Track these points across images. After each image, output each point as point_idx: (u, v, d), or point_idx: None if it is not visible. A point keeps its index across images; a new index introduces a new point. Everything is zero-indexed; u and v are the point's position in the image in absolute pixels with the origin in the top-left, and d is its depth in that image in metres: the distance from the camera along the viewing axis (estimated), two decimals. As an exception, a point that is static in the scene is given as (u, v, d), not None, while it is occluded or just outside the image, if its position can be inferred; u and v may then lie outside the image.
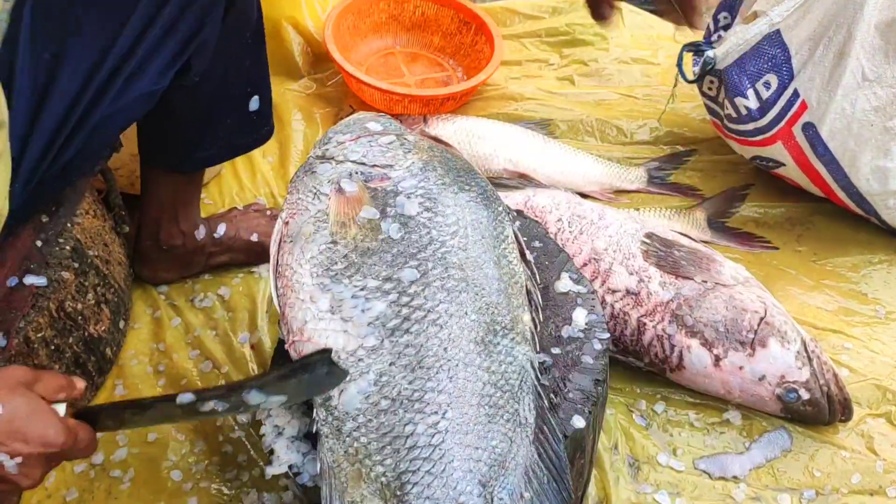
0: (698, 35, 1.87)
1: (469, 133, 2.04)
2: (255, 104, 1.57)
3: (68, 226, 1.46)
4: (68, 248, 1.46)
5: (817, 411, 1.53)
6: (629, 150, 2.13)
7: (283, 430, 1.20)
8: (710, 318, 1.56)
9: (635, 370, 1.64)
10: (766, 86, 1.77)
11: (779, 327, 1.54)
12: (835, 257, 1.88)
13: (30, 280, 1.39)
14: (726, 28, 1.89)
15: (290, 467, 1.18)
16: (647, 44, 2.41)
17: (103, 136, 1.34)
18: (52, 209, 1.45)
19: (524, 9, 2.49)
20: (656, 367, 1.61)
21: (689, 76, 1.89)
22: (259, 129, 1.64)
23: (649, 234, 1.69)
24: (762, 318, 1.55)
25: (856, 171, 1.76)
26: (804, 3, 1.70)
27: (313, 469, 1.15)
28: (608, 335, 1.32)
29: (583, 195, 1.96)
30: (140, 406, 1.07)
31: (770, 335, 1.53)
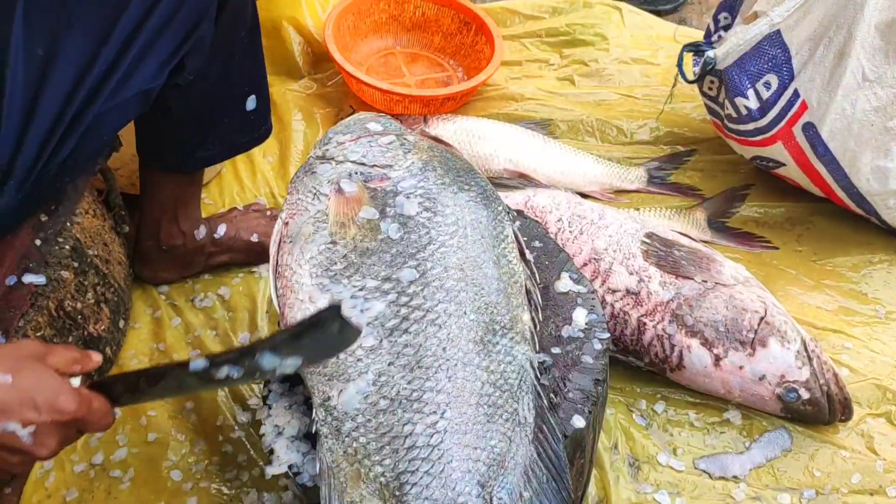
0: (698, 35, 1.87)
1: (469, 133, 2.04)
2: (252, 103, 1.57)
3: (68, 225, 1.46)
4: (68, 247, 1.46)
5: (817, 411, 1.53)
6: (629, 150, 2.13)
7: (283, 430, 1.21)
8: (710, 317, 1.56)
9: (635, 370, 1.64)
10: (767, 86, 1.77)
11: (779, 327, 1.54)
12: (835, 257, 1.88)
13: (29, 279, 1.39)
14: (726, 28, 1.89)
15: (290, 467, 1.17)
16: (647, 44, 2.41)
17: (100, 135, 1.34)
18: (52, 208, 1.45)
19: (524, 9, 2.48)
20: (656, 367, 1.61)
21: (690, 76, 1.89)
22: (257, 129, 1.64)
23: (649, 234, 1.69)
24: (762, 318, 1.55)
25: (856, 171, 1.76)
26: (804, 4, 1.70)
27: (313, 469, 1.15)
28: (608, 335, 1.32)
29: (583, 195, 1.96)
30: (154, 375, 1.04)
31: (770, 335, 1.53)
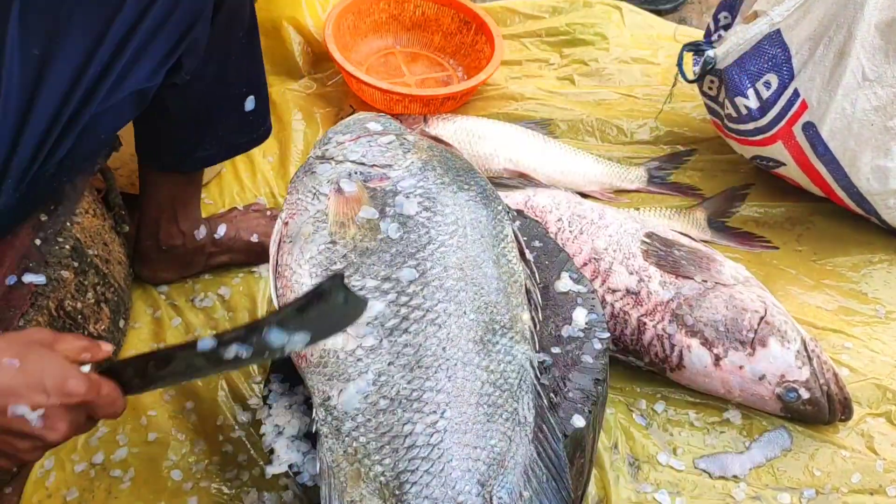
0: (698, 34, 1.87)
1: (469, 133, 2.04)
2: (250, 104, 1.57)
3: (67, 225, 1.46)
4: (68, 247, 1.46)
5: (817, 410, 1.53)
6: (629, 149, 2.13)
7: (283, 430, 1.21)
8: (710, 317, 1.56)
9: (635, 369, 1.64)
10: (767, 85, 1.77)
11: (779, 327, 1.54)
12: (835, 257, 1.88)
13: (28, 278, 1.39)
14: (726, 28, 1.89)
15: (290, 467, 1.18)
16: (647, 43, 2.41)
17: (97, 135, 1.33)
18: (51, 208, 1.45)
19: (524, 8, 2.48)
20: (656, 367, 1.61)
21: (690, 76, 1.89)
22: (256, 130, 1.64)
23: (649, 234, 1.69)
24: (762, 318, 1.55)
25: (856, 170, 1.76)
26: (804, 3, 1.70)
27: (313, 468, 1.15)
28: (608, 335, 1.32)
29: (583, 195, 1.96)
30: (162, 357, 1.03)
31: (770, 334, 1.53)
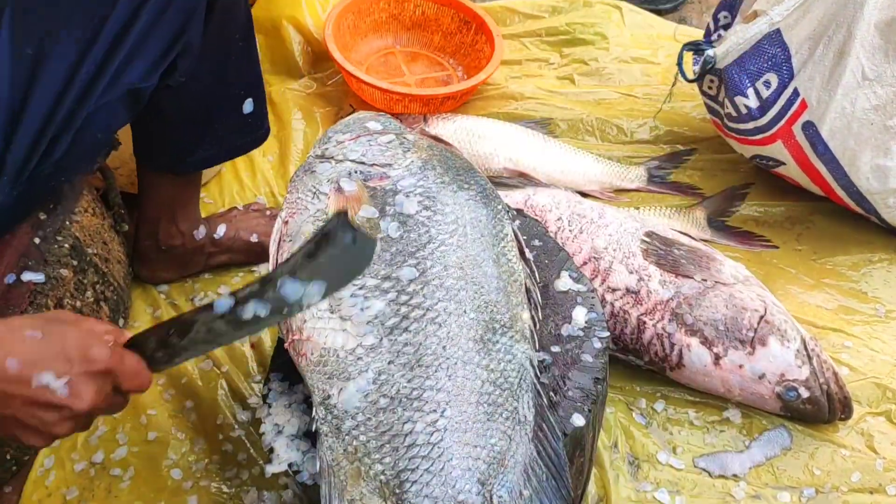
0: (698, 34, 1.87)
1: (469, 132, 2.04)
2: (248, 106, 1.56)
3: (67, 223, 1.46)
4: (67, 245, 1.46)
5: (817, 409, 1.53)
6: (629, 149, 2.13)
7: (283, 429, 1.21)
8: (709, 316, 1.56)
9: (635, 368, 1.64)
10: (766, 85, 1.77)
11: (778, 326, 1.54)
12: (835, 256, 1.88)
13: (27, 277, 1.38)
14: (726, 27, 1.89)
15: (290, 466, 1.17)
16: (647, 43, 2.41)
17: (94, 135, 1.33)
18: (50, 207, 1.45)
19: (524, 8, 2.48)
20: (656, 366, 1.61)
21: (690, 75, 1.89)
22: (254, 132, 1.64)
23: (649, 233, 1.69)
24: (762, 317, 1.55)
25: (856, 169, 1.76)
26: (804, 3, 1.70)
27: (313, 467, 1.15)
28: (608, 333, 1.32)
29: (583, 194, 1.96)
30: (183, 324, 1.01)
31: (770, 334, 1.53)
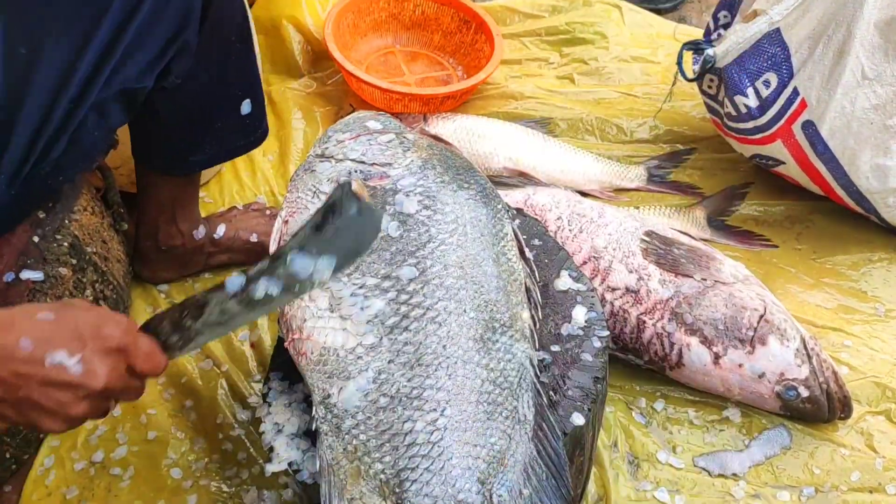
0: (698, 33, 1.87)
1: (469, 132, 2.04)
2: (247, 107, 1.56)
3: (66, 222, 1.46)
4: (66, 244, 1.45)
5: (817, 409, 1.53)
6: (629, 148, 2.13)
7: (283, 428, 1.21)
8: (709, 315, 1.56)
9: (635, 368, 1.64)
10: (766, 84, 1.77)
11: (778, 325, 1.54)
12: (834, 255, 1.88)
13: (26, 275, 1.38)
14: (726, 26, 1.89)
15: (290, 465, 1.18)
16: (646, 42, 2.41)
17: (91, 135, 1.32)
18: (49, 205, 1.45)
19: (524, 7, 2.48)
20: (656, 365, 1.61)
21: (689, 74, 1.89)
22: (253, 133, 1.63)
23: (649, 233, 1.69)
24: (762, 316, 1.55)
25: (855, 169, 1.76)
26: (804, 2, 1.70)
27: (313, 466, 1.15)
28: (607, 333, 1.32)
29: (583, 193, 1.96)
30: (195, 306, 1.01)
31: (769, 333, 1.53)
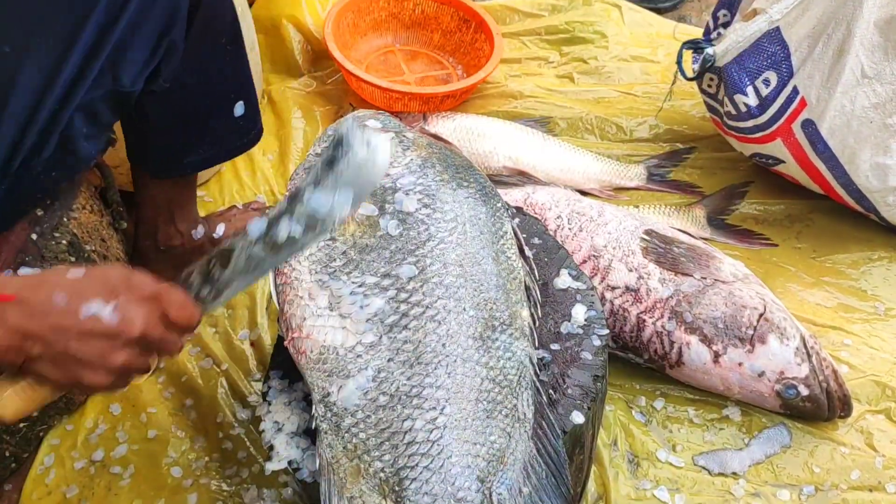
0: (698, 32, 1.87)
1: (469, 131, 2.05)
2: (240, 109, 1.55)
3: (64, 220, 1.46)
4: (65, 242, 1.45)
5: (816, 407, 1.53)
6: (629, 147, 2.13)
7: (283, 426, 1.21)
8: (709, 314, 1.56)
9: (635, 366, 1.64)
10: (766, 83, 1.77)
11: (778, 324, 1.54)
12: (834, 254, 1.88)
13: (25, 272, 1.38)
14: (726, 25, 1.89)
15: (290, 463, 1.18)
16: (646, 41, 2.41)
17: (82, 135, 1.31)
18: (48, 203, 1.45)
19: (524, 7, 2.48)
20: (656, 364, 1.61)
21: (689, 73, 1.89)
22: (247, 133, 1.62)
23: (649, 231, 1.69)
24: (761, 315, 1.55)
25: (855, 167, 1.76)
26: (803, 0, 1.70)
27: (312, 465, 1.15)
28: (607, 331, 1.32)
29: (582, 192, 1.96)
30: (222, 255, 1.03)
31: (769, 331, 1.53)
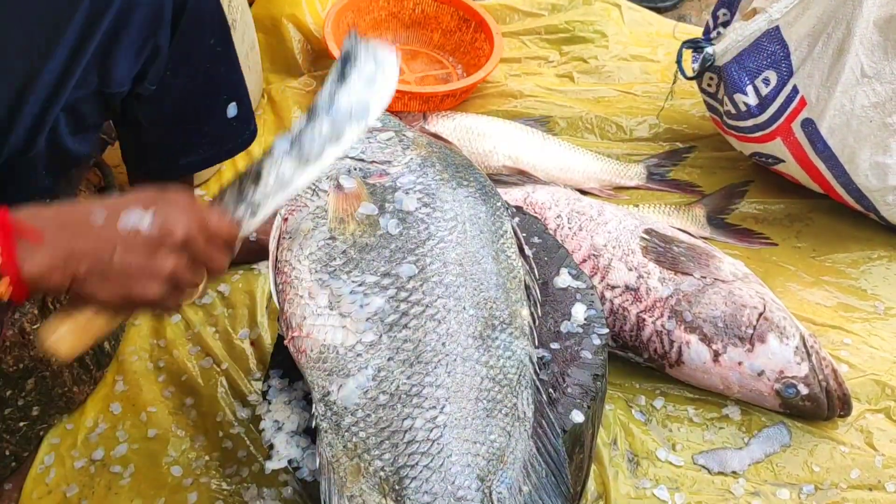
0: (697, 32, 1.87)
1: (469, 130, 2.05)
2: (233, 110, 1.54)
3: (64, 218, 1.46)
4: (65, 241, 1.45)
5: (816, 406, 1.54)
6: (628, 146, 2.13)
7: (283, 426, 1.21)
8: (709, 313, 1.56)
9: (634, 365, 1.64)
10: (766, 82, 1.77)
11: (777, 323, 1.54)
12: (834, 253, 1.88)
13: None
14: (725, 24, 1.89)
15: (290, 462, 1.18)
16: (646, 41, 2.41)
17: (70, 137, 1.31)
18: (46, 201, 1.44)
19: (524, 6, 2.49)
20: (655, 363, 1.61)
21: (689, 73, 1.89)
22: (241, 134, 1.62)
23: (648, 231, 1.69)
24: (761, 314, 1.55)
25: (855, 167, 1.76)
26: (803, 0, 1.70)
27: (312, 464, 1.15)
28: (607, 330, 1.32)
29: (582, 192, 1.96)
30: (252, 174, 1.08)
31: (769, 330, 1.54)
